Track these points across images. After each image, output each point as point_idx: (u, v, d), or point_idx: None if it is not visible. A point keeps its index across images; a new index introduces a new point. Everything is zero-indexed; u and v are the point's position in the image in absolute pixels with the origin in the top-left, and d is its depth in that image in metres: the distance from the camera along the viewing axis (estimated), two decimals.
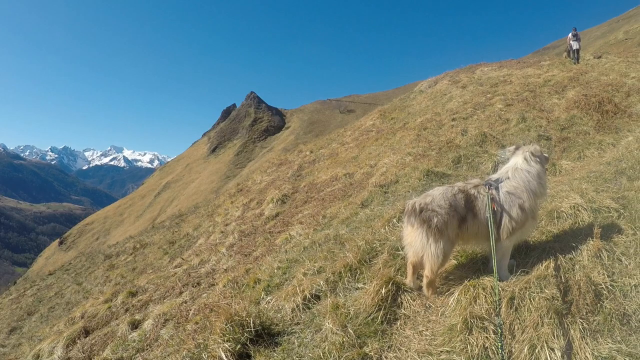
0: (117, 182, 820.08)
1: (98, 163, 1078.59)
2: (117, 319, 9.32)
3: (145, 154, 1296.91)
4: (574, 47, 25.09)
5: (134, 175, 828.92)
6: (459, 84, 21.43)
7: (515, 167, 4.70)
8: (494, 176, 4.78)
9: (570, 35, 26.09)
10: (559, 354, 3.39)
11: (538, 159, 4.78)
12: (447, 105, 17.56)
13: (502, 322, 3.51)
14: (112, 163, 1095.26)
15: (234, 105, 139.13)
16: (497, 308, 3.63)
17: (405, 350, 3.94)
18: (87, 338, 8.65)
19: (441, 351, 3.78)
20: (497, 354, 3.37)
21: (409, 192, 7.64)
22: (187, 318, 6.84)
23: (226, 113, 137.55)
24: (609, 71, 18.44)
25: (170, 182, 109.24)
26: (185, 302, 8.15)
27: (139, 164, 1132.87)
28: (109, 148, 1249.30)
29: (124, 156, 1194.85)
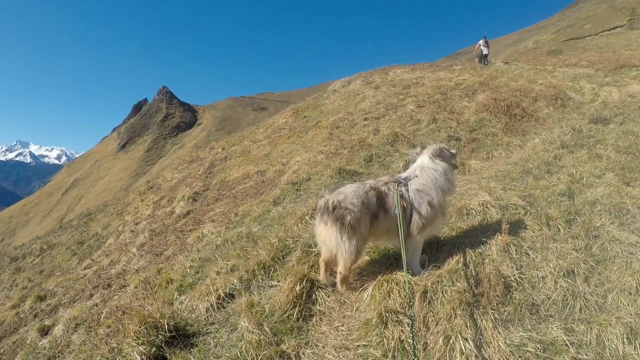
0: (22, 179, 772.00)
1: (2, 158, 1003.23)
2: (25, 325, 8.88)
3: (52, 149, 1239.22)
4: (484, 53, 28.12)
5: (41, 171, 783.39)
6: (372, 84, 21.97)
7: (423, 165, 4.88)
8: (404, 174, 4.94)
9: (481, 42, 28.96)
10: (472, 344, 3.58)
11: (442, 157, 5.00)
12: (360, 105, 17.94)
13: (413, 314, 3.63)
14: (17, 159, 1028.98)
15: (146, 100, 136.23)
16: (409, 302, 3.74)
17: (323, 346, 4.00)
18: None
19: (358, 345, 3.87)
20: (411, 347, 3.48)
21: (321, 189, 7.74)
22: (99, 322, 6.62)
23: (137, 108, 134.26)
24: (518, 77, 19.78)
25: (78, 179, 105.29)
26: (97, 305, 7.89)
27: (46, 160, 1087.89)
28: (15, 143, 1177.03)
29: (30, 151, 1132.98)
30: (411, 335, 3.35)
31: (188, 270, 6.85)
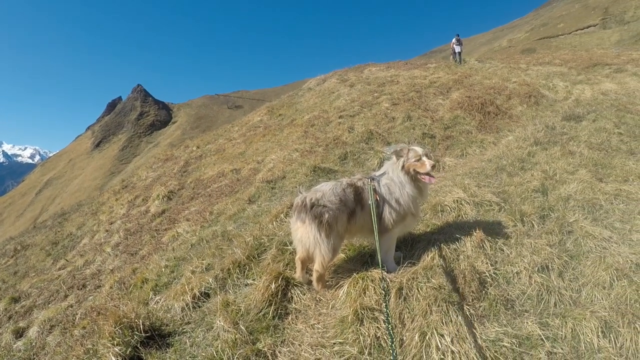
0: None
1: None
2: (0, 327, 8.60)
3: (26, 148, 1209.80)
4: (457, 51, 29.34)
5: (14, 171, 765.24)
6: (347, 82, 22.04)
7: (394, 162, 4.90)
8: (378, 172, 4.96)
9: (454, 40, 30.15)
10: (448, 339, 3.60)
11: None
12: (335, 103, 17.99)
13: (389, 311, 3.64)
14: None
15: (120, 98, 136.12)
16: (385, 297, 3.75)
17: (299, 345, 3.99)
18: None
19: (334, 343, 3.87)
20: (388, 343, 3.49)
21: (296, 187, 7.74)
22: (74, 323, 6.49)
23: (111, 106, 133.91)
24: (492, 75, 20.12)
25: (52, 178, 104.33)
26: (72, 306, 7.75)
27: (20, 159, 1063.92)
28: None
29: (3, 151, 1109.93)
30: (389, 332, 3.36)
31: (163, 269, 6.78)
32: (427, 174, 4.50)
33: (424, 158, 4.48)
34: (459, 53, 29.49)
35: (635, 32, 57.73)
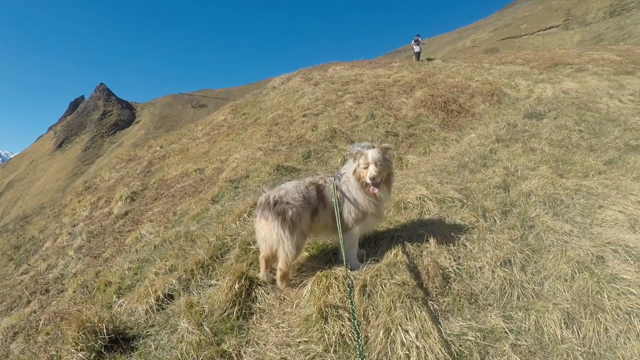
0: None
1: None
2: None
3: None
4: (416, 50, 31.16)
5: None
6: (311, 81, 22.09)
7: None
8: (342, 170, 4.98)
9: (413, 40, 31.96)
10: (413, 335, 3.64)
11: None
12: (299, 101, 18.03)
13: (354, 307, 3.66)
14: None
15: (82, 98, 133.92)
16: (350, 294, 3.77)
17: (264, 344, 3.98)
18: None
19: (299, 342, 3.87)
20: (355, 338, 3.51)
21: (260, 186, 7.73)
22: (37, 329, 6.35)
23: (74, 105, 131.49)
24: (455, 74, 20.45)
25: (13, 180, 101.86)
26: (35, 312, 7.61)
27: None
28: None
29: None
30: (355, 327, 3.37)
31: (126, 272, 6.72)
32: (369, 183, 4.41)
33: (371, 166, 4.39)
34: (419, 52, 31.07)
35: (597, 33, 59.50)
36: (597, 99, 14.10)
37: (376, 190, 4.40)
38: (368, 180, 4.38)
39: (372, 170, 4.35)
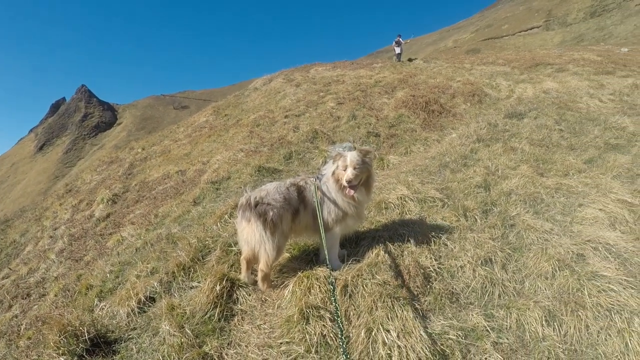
0: None
1: None
2: None
3: None
4: (397, 52, 31.69)
5: None
6: (293, 82, 22.07)
7: None
8: (323, 171, 4.99)
9: (395, 40, 32.38)
10: (395, 334, 3.66)
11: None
12: (280, 102, 18.02)
13: (338, 307, 3.66)
14: None
15: (64, 99, 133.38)
16: (333, 293, 3.77)
17: (246, 346, 3.98)
18: None
19: (281, 343, 3.88)
20: (338, 338, 3.53)
21: (241, 188, 7.73)
22: (19, 334, 6.32)
23: (55, 107, 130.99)
24: (437, 75, 20.60)
25: None
26: (16, 317, 7.57)
27: None
28: None
29: None
30: (339, 324, 3.38)
31: (108, 275, 6.68)
32: (346, 186, 4.42)
33: (349, 169, 4.39)
34: (400, 54, 31.66)
35: (577, 34, 60.33)
36: (578, 98, 14.31)
37: (352, 193, 4.42)
38: (343, 181, 4.40)
39: (349, 172, 4.36)
